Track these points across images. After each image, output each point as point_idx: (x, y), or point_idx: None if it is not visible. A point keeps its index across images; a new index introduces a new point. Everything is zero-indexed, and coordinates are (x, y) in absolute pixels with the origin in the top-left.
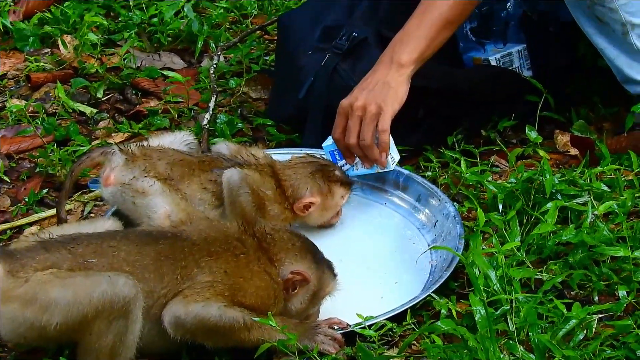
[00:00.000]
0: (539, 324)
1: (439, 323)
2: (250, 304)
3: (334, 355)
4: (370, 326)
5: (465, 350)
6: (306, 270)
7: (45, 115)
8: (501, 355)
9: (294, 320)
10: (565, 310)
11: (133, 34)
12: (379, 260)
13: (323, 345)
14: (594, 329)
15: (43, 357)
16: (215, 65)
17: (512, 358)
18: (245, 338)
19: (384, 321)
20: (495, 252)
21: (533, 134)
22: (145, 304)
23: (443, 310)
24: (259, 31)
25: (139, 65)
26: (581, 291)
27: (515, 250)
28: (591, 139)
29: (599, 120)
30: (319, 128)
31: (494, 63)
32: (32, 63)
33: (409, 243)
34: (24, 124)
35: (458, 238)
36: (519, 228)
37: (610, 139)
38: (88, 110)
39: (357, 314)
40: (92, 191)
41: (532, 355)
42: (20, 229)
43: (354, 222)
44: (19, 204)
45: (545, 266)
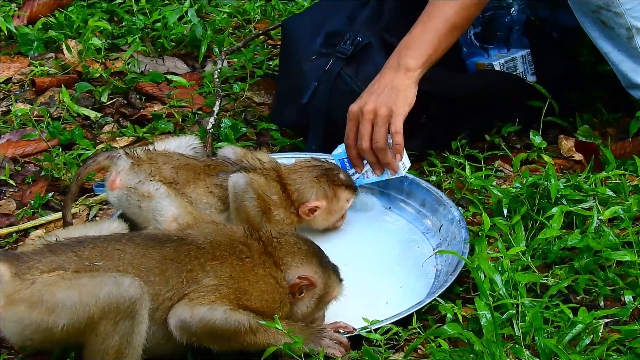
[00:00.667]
0: (545, 328)
1: (445, 327)
2: (255, 308)
3: (339, 359)
4: (376, 330)
5: (472, 355)
6: (312, 274)
7: (50, 119)
8: None
9: (299, 324)
10: (571, 315)
11: (137, 39)
12: (384, 264)
13: (329, 349)
14: (600, 334)
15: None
16: (219, 70)
17: None
18: (250, 341)
19: (389, 325)
20: (501, 257)
21: (537, 139)
22: (150, 306)
23: (449, 315)
24: (262, 36)
25: (143, 69)
26: (587, 296)
27: (521, 254)
28: (596, 144)
29: (602, 125)
30: (322, 133)
31: (497, 68)
32: (37, 67)
33: (414, 247)
34: (29, 128)
35: (463, 242)
36: (524, 233)
37: (614, 144)
38: (92, 114)
39: (363, 318)
40: (98, 195)
41: (538, 359)
42: (26, 233)
43: (359, 227)
44: (25, 208)
45: (550, 271)
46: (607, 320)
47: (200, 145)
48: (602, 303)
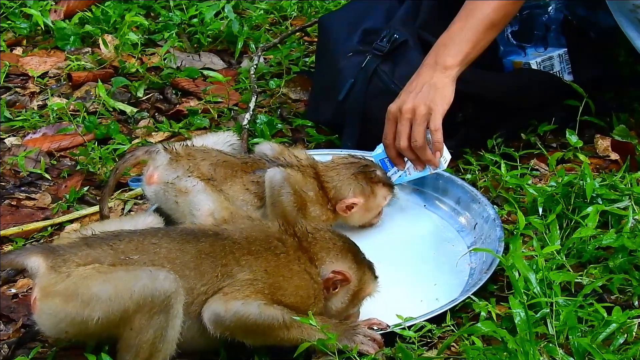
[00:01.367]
0: (579, 327)
1: (478, 325)
2: (289, 303)
3: (373, 355)
4: (409, 327)
5: (505, 353)
6: (347, 270)
7: (86, 113)
8: (540, 358)
9: (333, 320)
10: (605, 314)
11: (173, 34)
12: (418, 262)
13: (362, 345)
14: (634, 333)
15: (83, 353)
16: (255, 66)
17: None
18: (284, 337)
19: (423, 322)
20: (535, 255)
21: (573, 138)
22: (185, 301)
23: (482, 313)
24: (298, 33)
25: (179, 65)
26: (621, 295)
27: (555, 253)
28: (632, 143)
29: (639, 125)
30: (358, 130)
31: (534, 67)
32: (73, 62)
33: (448, 245)
34: (65, 122)
35: (498, 241)
36: (559, 232)
37: None
38: (128, 109)
39: (397, 315)
40: (133, 189)
41: (572, 358)
42: (61, 227)
43: (394, 225)
44: (60, 202)
45: (585, 270)
46: None
47: (238, 142)
48: (637, 303)
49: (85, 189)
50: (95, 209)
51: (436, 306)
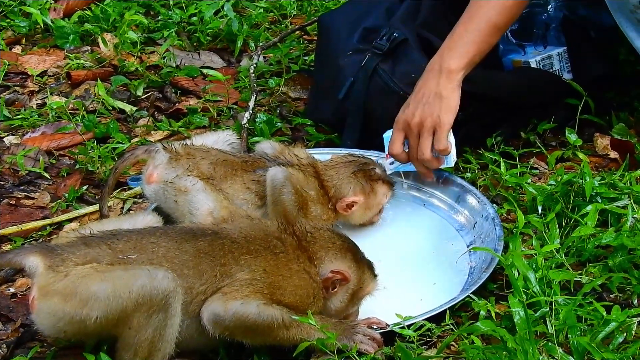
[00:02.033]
0: (578, 326)
1: (478, 324)
2: (289, 302)
3: (372, 355)
4: (409, 326)
5: (504, 352)
6: (346, 269)
7: (85, 112)
8: (540, 357)
9: (332, 319)
10: (604, 313)
11: (173, 33)
12: (417, 261)
13: (362, 344)
14: (633, 332)
15: (82, 353)
16: (255, 65)
17: None
18: (283, 336)
19: (422, 321)
20: (535, 254)
21: (573, 137)
22: (184, 299)
23: (482, 312)
24: (298, 31)
25: (179, 63)
26: (621, 294)
27: (555, 252)
28: (631, 142)
29: (639, 124)
30: (358, 128)
31: (534, 65)
32: (73, 60)
33: (447, 244)
34: (64, 121)
35: (497, 240)
36: (559, 230)
37: None
38: (128, 108)
39: (396, 314)
40: (132, 188)
41: (572, 357)
42: (60, 225)
43: (393, 223)
44: (59, 200)
45: (584, 269)
46: None
47: (238, 141)
48: (636, 301)
49: (85, 187)
50: (94, 208)
51: (436, 305)
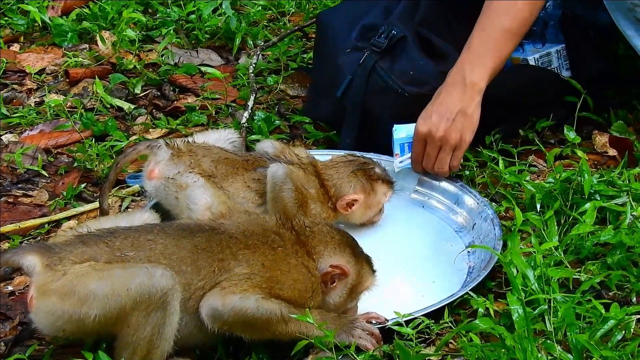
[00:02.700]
0: (577, 324)
1: (476, 321)
2: (287, 297)
3: (371, 352)
4: (407, 323)
5: (503, 350)
6: (345, 263)
7: (83, 110)
8: (539, 355)
9: (331, 314)
10: (603, 311)
11: (171, 31)
12: (417, 261)
13: (360, 340)
14: (632, 330)
15: (80, 351)
16: (254, 65)
17: (550, 358)
18: (282, 331)
19: (421, 317)
20: (534, 252)
21: (571, 135)
22: (182, 296)
23: (480, 309)
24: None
25: (177, 61)
26: (619, 292)
27: (553, 250)
28: (630, 139)
29: (637, 121)
30: (357, 126)
31: (532, 63)
32: (71, 58)
33: (446, 245)
34: (62, 119)
35: (496, 239)
36: (557, 228)
37: None
38: (126, 105)
39: (395, 312)
40: (130, 186)
41: (570, 355)
42: (58, 224)
43: (392, 225)
44: (57, 199)
45: (583, 266)
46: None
47: (240, 140)
48: (635, 299)
49: (83, 185)
50: (92, 205)
51: (434, 301)
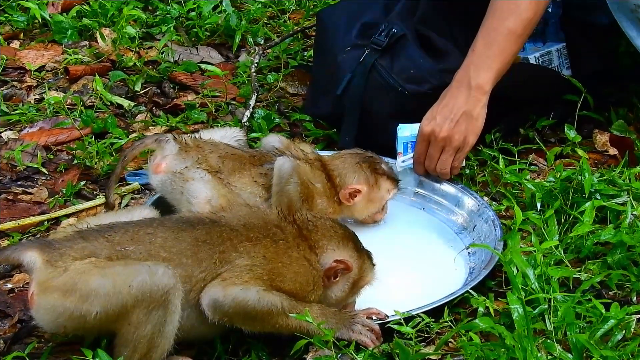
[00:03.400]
0: (577, 323)
1: (476, 321)
2: (288, 290)
3: (370, 350)
4: (407, 322)
5: (503, 349)
6: (348, 258)
7: (83, 107)
8: (539, 354)
9: (332, 309)
10: (603, 310)
11: (171, 28)
12: (417, 261)
13: (360, 335)
14: (632, 330)
15: (80, 349)
16: (256, 64)
17: (550, 357)
18: (282, 323)
19: (421, 315)
20: (534, 251)
21: (572, 133)
22: (183, 288)
23: (480, 308)
24: (296, 26)
25: (177, 59)
26: (619, 291)
27: (554, 249)
28: (630, 138)
29: (638, 120)
30: (357, 124)
31: (533, 62)
32: (71, 55)
33: (447, 246)
34: (62, 116)
35: (496, 240)
36: (557, 227)
37: None
38: (126, 103)
39: (395, 311)
40: (130, 184)
41: (570, 354)
42: (58, 221)
43: (393, 226)
44: (57, 196)
45: (583, 266)
46: None
47: (245, 138)
48: (635, 298)
49: (82, 183)
50: (92, 203)
51: (434, 299)
